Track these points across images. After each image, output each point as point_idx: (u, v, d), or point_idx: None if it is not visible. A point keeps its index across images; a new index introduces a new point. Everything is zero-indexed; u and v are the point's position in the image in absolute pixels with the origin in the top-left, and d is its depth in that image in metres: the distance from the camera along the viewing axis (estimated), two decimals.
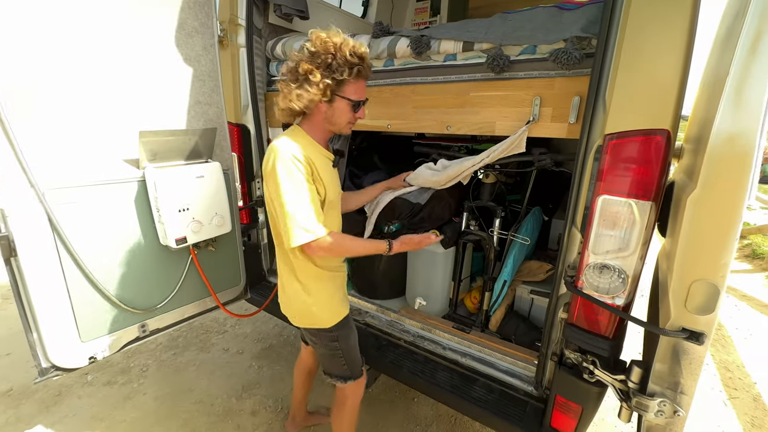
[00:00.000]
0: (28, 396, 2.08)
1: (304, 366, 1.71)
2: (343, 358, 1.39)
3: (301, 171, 1.11)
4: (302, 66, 1.10)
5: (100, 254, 1.50)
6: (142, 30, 1.49)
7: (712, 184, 0.82)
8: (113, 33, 1.42)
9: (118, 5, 1.41)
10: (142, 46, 1.50)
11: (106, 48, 1.41)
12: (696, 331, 0.90)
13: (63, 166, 1.36)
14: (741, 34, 0.75)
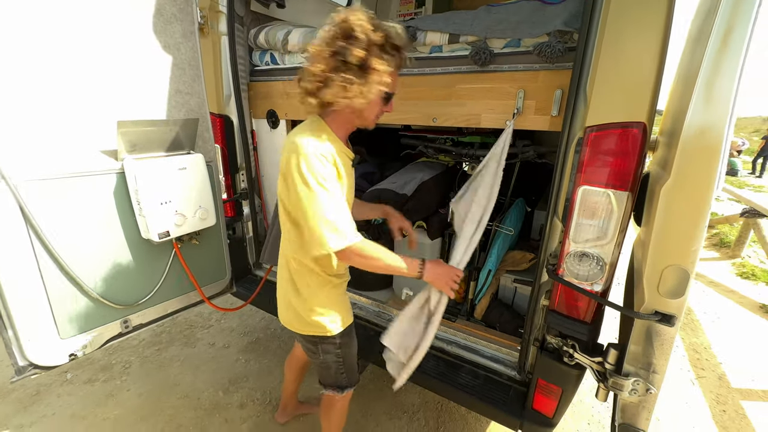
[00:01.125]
0: (3, 396, 2.01)
1: (297, 360, 1.69)
2: (343, 366, 1.33)
3: (331, 171, 1.00)
4: (355, 53, 0.93)
5: (78, 249, 1.45)
6: (118, 15, 1.43)
7: (684, 175, 0.86)
8: (88, 18, 1.35)
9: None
10: (119, 32, 1.44)
11: (80, 33, 1.34)
12: (667, 314, 0.95)
13: (37, 157, 1.30)
14: (712, 30, 0.79)
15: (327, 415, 1.49)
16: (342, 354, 1.31)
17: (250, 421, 1.89)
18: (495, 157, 1.41)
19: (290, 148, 1.00)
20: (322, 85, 0.98)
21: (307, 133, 1.01)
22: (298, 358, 1.68)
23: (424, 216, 1.72)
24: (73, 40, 1.33)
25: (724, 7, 0.77)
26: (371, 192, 1.69)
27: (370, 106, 1.03)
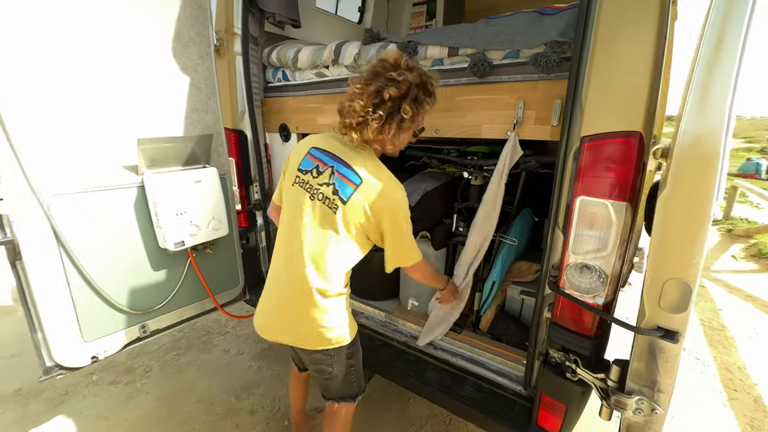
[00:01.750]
0: (36, 395, 2.16)
1: (299, 377, 1.66)
2: (355, 375, 1.35)
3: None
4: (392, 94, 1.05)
5: (101, 258, 1.55)
6: (140, 40, 1.55)
7: (681, 184, 0.84)
8: (112, 43, 1.48)
9: (117, 17, 1.48)
10: (140, 56, 1.56)
11: (105, 58, 1.47)
12: (671, 330, 0.91)
13: (64, 172, 1.42)
14: (703, 35, 0.77)
15: (332, 426, 1.48)
16: (354, 362, 1.34)
17: (259, 427, 1.92)
18: (498, 169, 1.41)
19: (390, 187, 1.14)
20: (363, 122, 1.09)
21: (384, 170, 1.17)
22: (299, 375, 1.65)
23: (429, 226, 1.73)
24: (98, 64, 1.45)
25: (715, 12, 0.76)
26: None
27: (398, 142, 1.18)
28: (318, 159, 1.19)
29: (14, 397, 2.14)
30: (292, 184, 1.22)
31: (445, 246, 1.74)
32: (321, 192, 1.15)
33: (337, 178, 1.14)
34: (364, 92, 1.07)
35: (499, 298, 1.70)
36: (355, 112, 1.08)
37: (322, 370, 1.31)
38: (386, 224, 1.14)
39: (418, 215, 1.69)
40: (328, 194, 1.14)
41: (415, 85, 1.07)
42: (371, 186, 1.11)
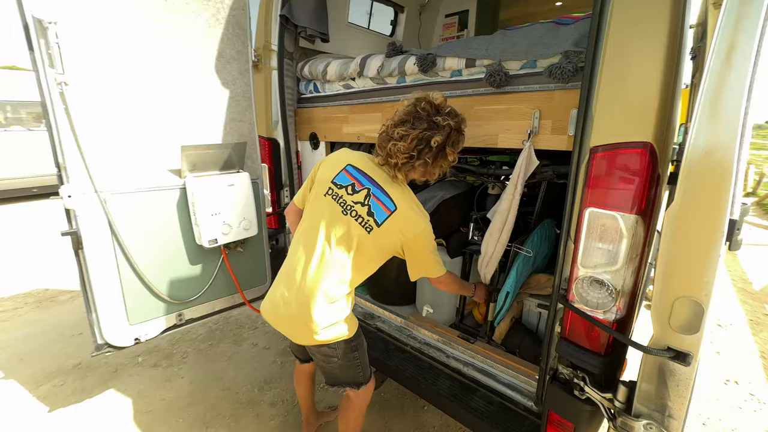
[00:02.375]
0: (92, 370, 2.44)
1: (304, 373, 1.72)
2: (360, 365, 1.42)
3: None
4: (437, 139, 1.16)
5: (147, 250, 1.75)
6: (187, 60, 1.75)
7: (690, 198, 0.80)
8: (162, 63, 1.68)
9: (168, 44, 1.68)
10: (186, 73, 1.76)
11: (156, 78, 1.67)
12: (682, 351, 0.86)
13: (120, 174, 1.63)
14: (712, 44, 0.74)
15: (345, 417, 1.55)
16: (358, 354, 1.42)
17: (278, 419, 2.02)
18: (513, 179, 1.41)
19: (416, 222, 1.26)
20: (407, 163, 1.20)
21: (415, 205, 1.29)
22: (305, 371, 1.71)
23: (445, 234, 1.74)
24: (150, 84, 1.66)
25: (726, 21, 0.73)
26: None
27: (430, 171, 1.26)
28: (354, 178, 1.29)
29: (74, 371, 2.43)
30: (324, 194, 1.31)
31: (460, 254, 1.74)
32: (355, 210, 1.25)
33: (373, 201, 1.24)
34: (408, 135, 1.17)
35: (516, 310, 1.67)
36: (400, 153, 1.18)
37: (328, 358, 1.37)
38: (413, 247, 1.28)
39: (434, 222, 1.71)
40: (362, 214, 1.24)
41: (455, 130, 1.20)
42: (404, 215, 1.23)
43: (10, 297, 3.47)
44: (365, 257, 1.27)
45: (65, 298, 3.46)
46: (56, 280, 3.78)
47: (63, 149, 1.48)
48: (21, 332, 2.88)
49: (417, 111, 1.19)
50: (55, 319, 3.08)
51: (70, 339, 2.79)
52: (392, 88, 1.80)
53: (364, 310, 2.10)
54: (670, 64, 0.86)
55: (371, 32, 2.91)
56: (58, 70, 1.41)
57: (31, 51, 1.37)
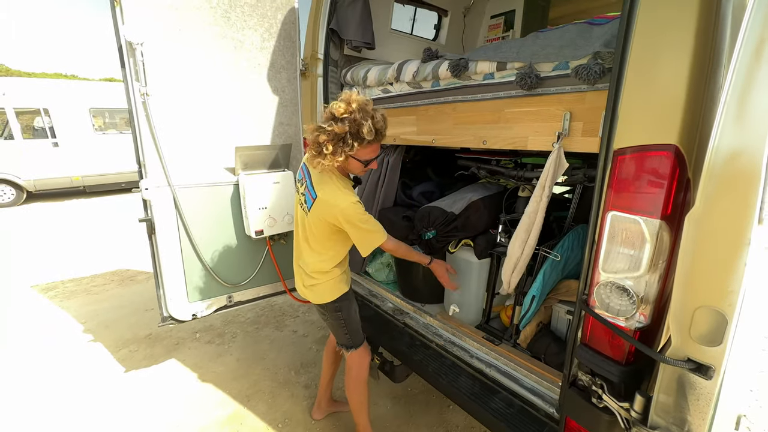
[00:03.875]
0: (159, 341, 2.81)
1: (332, 345, 1.94)
2: (346, 327, 1.65)
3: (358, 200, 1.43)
4: (321, 137, 1.34)
5: (205, 237, 2.00)
6: (243, 70, 1.97)
7: (713, 202, 0.77)
8: (223, 74, 1.92)
9: (228, 54, 1.91)
10: (242, 82, 1.98)
11: (217, 85, 1.91)
12: (703, 364, 0.82)
13: (186, 171, 1.89)
14: (741, 40, 0.71)
15: (347, 384, 1.76)
16: (343, 315, 1.63)
17: (310, 401, 2.18)
18: (541, 182, 1.40)
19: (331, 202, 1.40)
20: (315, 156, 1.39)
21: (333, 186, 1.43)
22: (333, 345, 1.91)
23: (473, 235, 1.76)
24: (211, 90, 1.90)
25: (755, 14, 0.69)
26: (423, 210, 1.82)
27: (350, 166, 1.45)
28: (303, 173, 1.55)
29: (145, 340, 2.83)
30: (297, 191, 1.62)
31: (488, 256, 1.74)
32: (302, 200, 1.53)
33: (306, 191, 1.50)
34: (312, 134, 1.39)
35: (543, 315, 1.63)
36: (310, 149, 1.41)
37: (323, 315, 1.69)
38: (343, 224, 1.41)
39: (461, 223, 1.75)
40: (304, 202, 1.52)
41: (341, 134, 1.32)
42: (322, 200, 1.42)
43: (101, 274, 4.09)
44: (321, 235, 1.50)
45: (143, 278, 4.00)
46: (137, 262, 4.37)
47: (144, 149, 1.76)
48: (107, 304, 3.40)
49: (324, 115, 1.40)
50: (133, 295, 3.59)
51: (143, 313, 3.23)
52: (427, 92, 1.86)
53: (394, 306, 2.18)
54: (698, 63, 0.83)
55: (414, 38, 2.99)
56: (142, 83, 1.69)
57: (123, 68, 1.66)
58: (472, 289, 1.82)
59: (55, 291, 3.69)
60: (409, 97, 1.96)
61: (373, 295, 2.30)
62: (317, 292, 1.60)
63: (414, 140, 1.97)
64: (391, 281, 2.32)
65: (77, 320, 3.12)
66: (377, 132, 1.38)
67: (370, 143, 1.38)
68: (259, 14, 1.95)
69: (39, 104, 7.13)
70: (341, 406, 2.08)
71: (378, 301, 2.23)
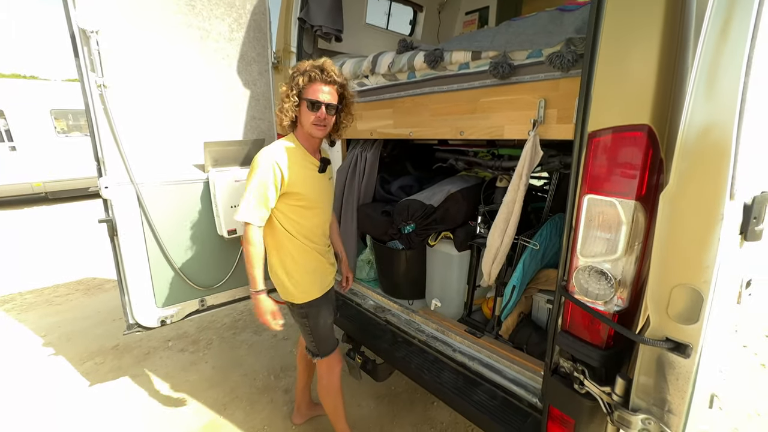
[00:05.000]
0: (128, 352, 2.65)
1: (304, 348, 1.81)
2: (312, 335, 1.56)
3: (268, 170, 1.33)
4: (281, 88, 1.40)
5: (173, 238, 1.89)
6: (211, 62, 1.88)
7: (686, 179, 0.77)
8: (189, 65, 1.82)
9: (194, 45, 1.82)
10: (211, 75, 1.89)
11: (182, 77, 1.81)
12: (681, 342, 0.82)
13: (151, 167, 1.78)
14: (706, 18, 0.71)
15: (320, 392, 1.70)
16: (309, 323, 1.54)
17: (290, 405, 2.10)
18: (518, 171, 1.39)
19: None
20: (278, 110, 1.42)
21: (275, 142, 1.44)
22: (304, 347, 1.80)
23: (452, 227, 1.74)
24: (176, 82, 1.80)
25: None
26: (401, 203, 1.79)
27: (302, 115, 1.40)
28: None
29: (112, 351, 2.66)
30: None
31: (468, 248, 1.73)
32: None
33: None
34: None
35: (524, 305, 1.63)
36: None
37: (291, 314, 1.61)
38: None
39: (440, 216, 1.72)
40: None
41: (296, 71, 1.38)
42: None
43: (65, 284, 3.84)
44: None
45: (110, 286, 3.78)
46: (104, 271, 4.14)
47: (102, 144, 1.64)
48: (70, 315, 3.19)
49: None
50: (100, 304, 3.38)
51: (111, 323, 3.04)
52: (403, 83, 1.83)
53: (376, 303, 2.13)
54: (667, 44, 0.83)
55: (390, 32, 2.96)
56: (98, 74, 1.58)
57: (77, 57, 1.55)
58: (453, 283, 1.81)
59: (11, 303, 3.43)
60: (385, 90, 1.93)
61: (354, 293, 2.25)
62: (284, 290, 1.52)
63: (391, 133, 1.93)
64: (372, 279, 2.27)
65: (36, 333, 2.91)
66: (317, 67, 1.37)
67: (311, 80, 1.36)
68: (226, 3, 1.87)
69: None
70: (322, 409, 2.01)
71: (359, 300, 2.18)
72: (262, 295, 1.43)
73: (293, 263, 1.48)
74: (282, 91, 1.38)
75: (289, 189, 1.38)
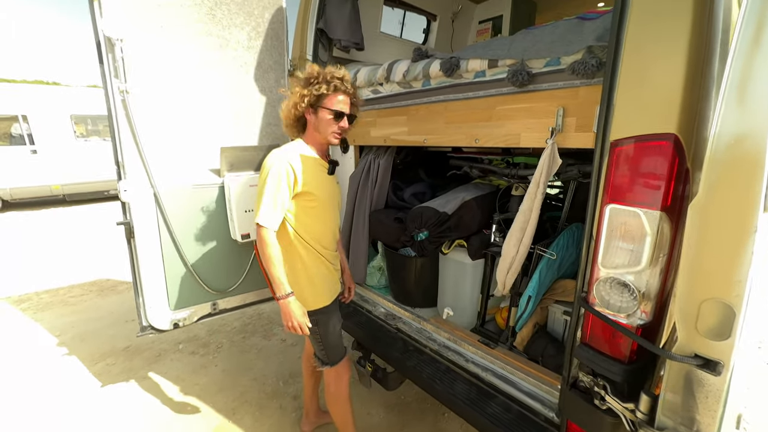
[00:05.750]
0: (139, 353, 2.67)
1: (309, 355, 1.84)
2: (322, 342, 1.53)
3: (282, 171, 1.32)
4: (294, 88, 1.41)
5: (188, 242, 1.92)
6: (230, 69, 1.92)
7: (716, 190, 0.74)
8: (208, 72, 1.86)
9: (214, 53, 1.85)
10: (229, 81, 1.93)
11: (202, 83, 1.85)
12: (711, 359, 0.79)
13: (168, 171, 1.81)
14: (738, 24, 0.70)
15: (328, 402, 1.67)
16: (319, 330, 1.49)
17: (299, 412, 2.08)
18: (535, 179, 1.38)
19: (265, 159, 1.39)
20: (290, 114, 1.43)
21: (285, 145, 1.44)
22: (309, 354, 1.81)
23: (466, 235, 1.72)
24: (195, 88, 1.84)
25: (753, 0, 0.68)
26: (415, 210, 1.78)
27: (321, 122, 1.40)
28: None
29: (124, 353, 2.68)
30: None
31: (482, 257, 1.71)
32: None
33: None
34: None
35: (539, 316, 1.59)
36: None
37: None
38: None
39: (454, 224, 1.71)
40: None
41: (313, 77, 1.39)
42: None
43: (79, 285, 3.91)
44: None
45: (123, 288, 3.84)
46: (118, 272, 4.20)
47: (122, 149, 1.68)
48: (84, 316, 3.24)
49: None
50: (113, 306, 3.43)
51: (123, 324, 3.08)
52: (418, 91, 1.83)
53: (387, 311, 2.12)
54: (695, 51, 0.82)
55: (403, 41, 2.99)
56: (121, 81, 1.62)
57: (101, 64, 1.59)
58: (467, 292, 1.78)
59: (28, 303, 3.50)
60: (400, 98, 1.94)
61: (364, 300, 2.23)
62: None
63: (405, 141, 1.93)
64: (383, 285, 2.26)
65: (51, 333, 2.95)
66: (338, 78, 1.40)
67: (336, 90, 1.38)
68: (245, 12, 1.91)
69: (16, 111, 6.90)
70: (330, 417, 1.99)
71: (370, 306, 2.16)
72: (291, 298, 1.37)
73: (304, 269, 1.46)
74: (296, 92, 1.39)
75: (302, 189, 1.38)
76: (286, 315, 1.37)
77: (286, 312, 1.37)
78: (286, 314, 1.37)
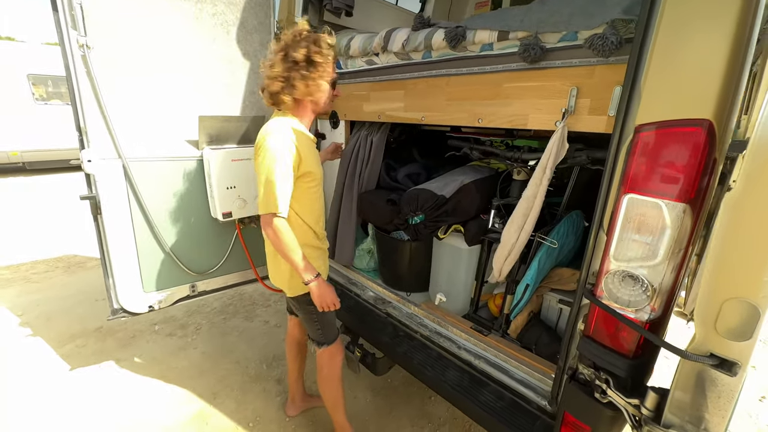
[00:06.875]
0: (111, 334, 2.53)
1: (293, 338, 1.80)
2: (318, 322, 1.50)
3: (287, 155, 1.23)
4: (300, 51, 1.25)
5: (163, 220, 1.76)
6: (209, 28, 1.71)
7: (755, 183, 0.69)
8: (184, 31, 1.65)
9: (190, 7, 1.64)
10: (207, 42, 1.72)
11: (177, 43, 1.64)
12: (728, 360, 0.76)
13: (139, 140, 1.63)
14: None
15: (320, 384, 1.65)
16: (315, 311, 1.44)
17: (283, 396, 2.03)
18: (542, 164, 1.30)
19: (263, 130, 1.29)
20: (285, 85, 1.26)
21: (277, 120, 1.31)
22: (293, 335, 1.79)
23: (464, 220, 1.65)
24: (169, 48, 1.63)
25: None
26: (410, 192, 1.69)
27: (324, 93, 1.34)
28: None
29: (95, 333, 2.53)
30: None
31: (479, 242, 1.65)
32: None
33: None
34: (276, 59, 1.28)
35: (534, 304, 1.57)
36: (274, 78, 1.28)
37: (296, 311, 1.57)
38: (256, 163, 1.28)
39: (452, 208, 1.63)
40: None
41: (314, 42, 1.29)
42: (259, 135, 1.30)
43: (44, 260, 3.65)
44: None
45: (93, 264, 3.62)
46: (87, 248, 3.95)
47: (84, 113, 1.48)
48: (50, 293, 3.03)
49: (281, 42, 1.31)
50: (81, 283, 3.22)
51: (94, 303, 2.91)
52: (417, 63, 1.70)
53: (376, 295, 2.06)
54: (742, 27, 0.74)
55: (399, 8, 2.79)
56: (80, 33, 1.41)
57: (55, 11, 1.37)
58: (461, 277, 1.73)
59: None
60: (397, 70, 1.79)
61: (352, 283, 2.16)
62: (287, 280, 1.44)
63: (401, 117, 1.81)
64: (372, 269, 2.19)
65: (13, 312, 2.75)
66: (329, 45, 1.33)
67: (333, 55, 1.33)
68: None
69: None
70: (317, 401, 1.95)
71: (358, 290, 2.10)
72: (321, 280, 1.35)
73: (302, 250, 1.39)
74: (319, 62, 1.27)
75: (304, 169, 1.32)
76: (321, 297, 1.36)
77: (319, 293, 1.35)
78: (320, 295, 1.36)
